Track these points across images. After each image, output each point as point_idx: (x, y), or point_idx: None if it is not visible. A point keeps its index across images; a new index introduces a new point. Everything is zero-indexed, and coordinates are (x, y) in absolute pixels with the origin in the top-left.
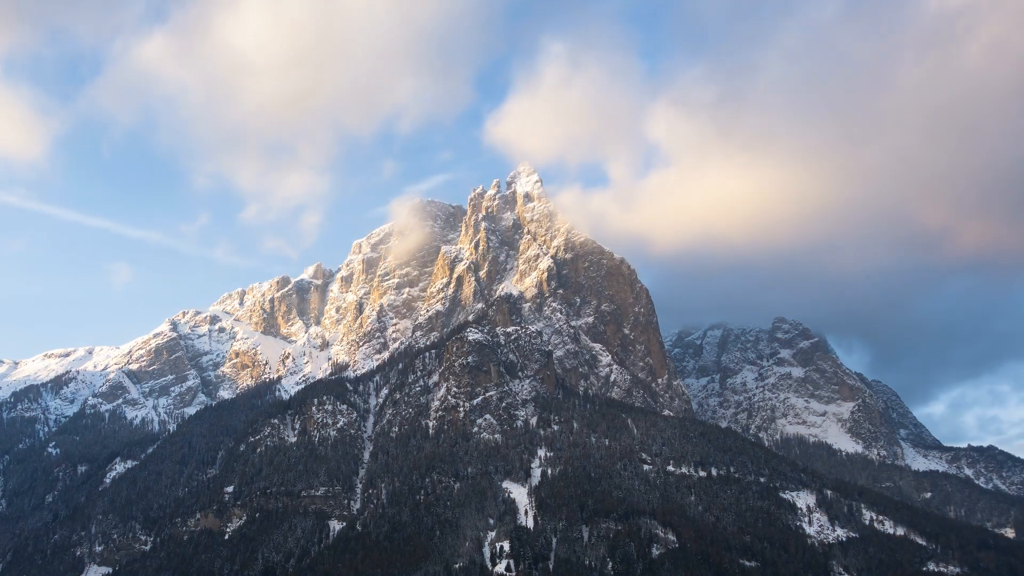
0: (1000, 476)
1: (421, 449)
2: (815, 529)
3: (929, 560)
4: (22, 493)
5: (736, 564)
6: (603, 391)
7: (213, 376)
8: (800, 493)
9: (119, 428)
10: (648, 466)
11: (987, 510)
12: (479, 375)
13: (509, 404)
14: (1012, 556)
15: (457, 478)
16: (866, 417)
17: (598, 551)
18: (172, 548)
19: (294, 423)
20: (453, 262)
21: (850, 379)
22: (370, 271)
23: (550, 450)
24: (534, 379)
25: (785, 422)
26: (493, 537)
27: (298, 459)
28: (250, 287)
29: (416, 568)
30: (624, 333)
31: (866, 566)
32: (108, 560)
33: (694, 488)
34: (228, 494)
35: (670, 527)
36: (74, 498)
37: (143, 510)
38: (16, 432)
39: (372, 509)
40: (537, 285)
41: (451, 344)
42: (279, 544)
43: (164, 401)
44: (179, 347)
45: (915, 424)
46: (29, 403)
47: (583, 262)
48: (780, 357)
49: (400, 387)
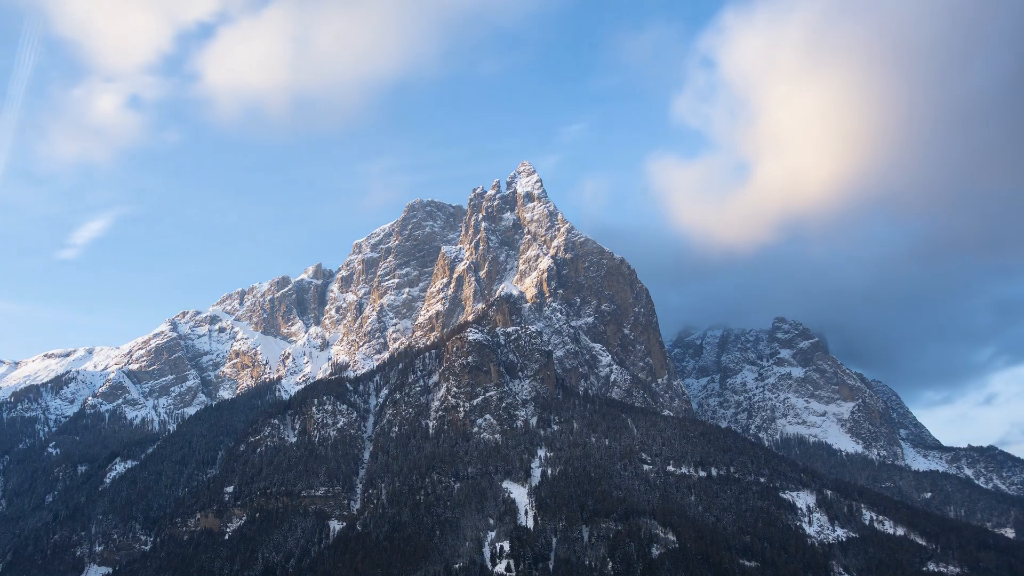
0: (1000, 476)
1: (421, 449)
2: (815, 529)
3: (929, 560)
4: (22, 493)
5: (736, 564)
6: (603, 391)
7: (213, 376)
8: (800, 493)
9: (119, 428)
10: (648, 466)
11: (987, 510)
12: (479, 375)
13: (509, 404)
14: (1012, 556)
15: (457, 478)
16: (866, 417)
17: (598, 551)
18: (172, 548)
19: (294, 423)
20: (453, 262)
21: (850, 379)
22: (370, 271)
23: (550, 450)
24: (534, 379)
25: (785, 422)
26: (493, 537)
27: (298, 459)
28: (250, 287)
29: (416, 568)
30: (624, 333)
31: (866, 566)
32: (108, 560)
33: (694, 488)
34: (228, 494)
35: (670, 527)
36: (74, 498)
37: (143, 510)
38: (16, 432)
39: (372, 509)
40: (537, 285)
41: (451, 344)
42: (279, 544)
43: (164, 401)
44: (179, 347)
45: (915, 424)
46: (29, 403)
47: (583, 262)
48: (780, 357)
49: (400, 387)
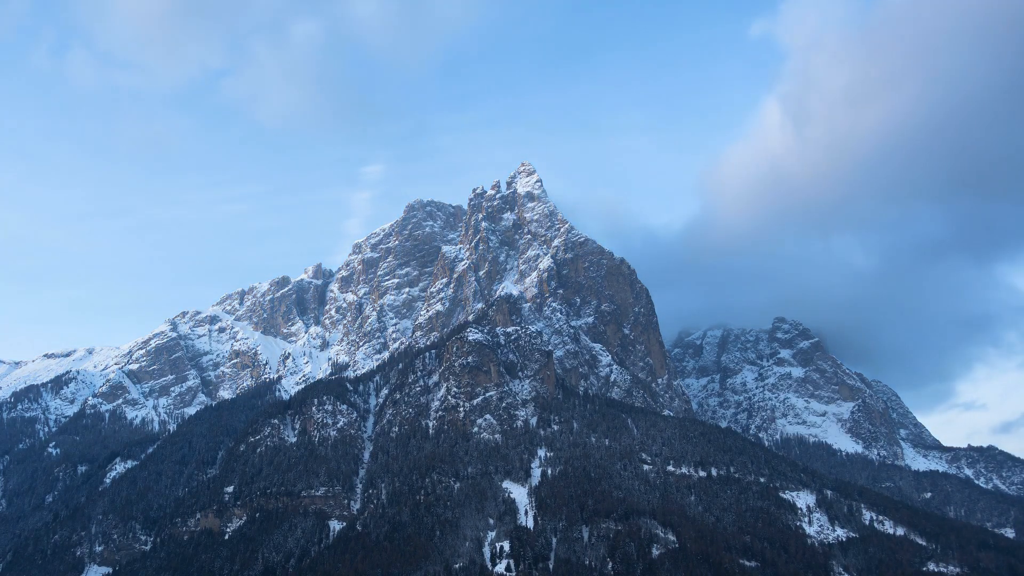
0: (1000, 476)
1: (421, 449)
2: (815, 529)
3: (929, 560)
4: (22, 493)
5: (736, 564)
6: (603, 391)
7: (213, 376)
8: (800, 493)
9: (119, 428)
10: (648, 466)
11: (987, 510)
12: (479, 375)
13: (509, 404)
14: (1012, 556)
15: (457, 478)
16: (866, 417)
17: (598, 551)
18: (172, 548)
19: (294, 423)
20: (453, 262)
21: (850, 379)
22: (370, 271)
23: (550, 450)
24: (534, 379)
25: (785, 422)
26: (493, 537)
27: (298, 459)
28: (250, 287)
29: (416, 568)
30: (624, 333)
31: (866, 566)
32: (108, 560)
33: (694, 488)
34: (228, 494)
35: (670, 527)
36: (74, 498)
37: (143, 510)
38: (16, 432)
39: (372, 509)
40: (537, 285)
41: (451, 344)
42: (279, 544)
43: (164, 401)
44: (179, 347)
45: (915, 424)
46: (29, 403)
47: (583, 262)
48: (780, 357)
49: (400, 387)
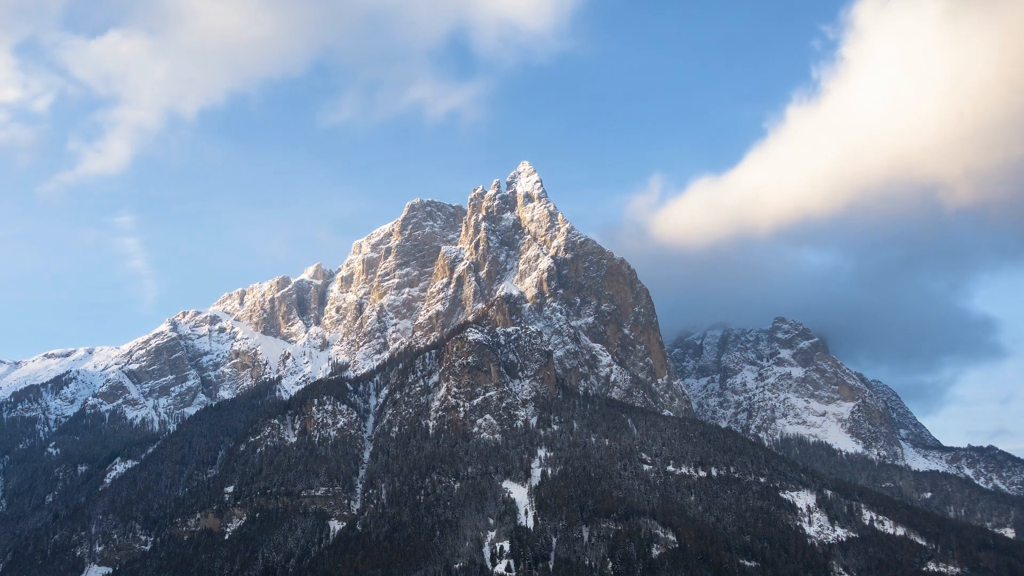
0: (1000, 476)
1: (421, 449)
2: (815, 529)
3: (929, 560)
4: (22, 493)
5: (736, 564)
6: (603, 391)
7: (213, 376)
8: (800, 493)
9: (119, 428)
10: (648, 466)
11: (987, 510)
12: (479, 375)
13: (509, 404)
14: (1012, 556)
15: (457, 478)
16: (866, 417)
17: (598, 551)
18: (172, 548)
19: (294, 423)
20: (453, 262)
21: (850, 379)
22: (370, 271)
23: (550, 450)
24: (534, 379)
25: (785, 422)
26: (493, 537)
27: (298, 459)
28: (250, 287)
29: (416, 568)
30: (624, 333)
31: (866, 566)
32: (108, 560)
33: (694, 488)
34: (228, 494)
35: (670, 527)
36: (74, 498)
37: (143, 510)
38: (16, 432)
39: (372, 509)
40: (537, 285)
41: (451, 344)
42: (279, 544)
43: (164, 401)
44: (179, 347)
45: (915, 424)
46: (29, 403)
47: (583, 262)
48: (780, 357)
49: (400, 387)
